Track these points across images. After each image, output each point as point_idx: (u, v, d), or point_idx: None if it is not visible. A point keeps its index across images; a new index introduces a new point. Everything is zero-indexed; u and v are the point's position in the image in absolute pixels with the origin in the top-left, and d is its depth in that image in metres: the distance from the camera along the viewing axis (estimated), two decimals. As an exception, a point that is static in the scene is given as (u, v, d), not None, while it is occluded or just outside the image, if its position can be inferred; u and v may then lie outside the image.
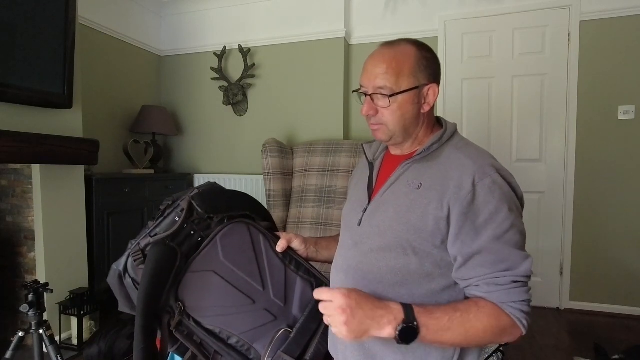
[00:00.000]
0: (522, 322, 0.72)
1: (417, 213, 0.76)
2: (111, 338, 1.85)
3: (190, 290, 0.84)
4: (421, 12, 2.76)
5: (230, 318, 0.85)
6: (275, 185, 2.34)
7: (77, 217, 2.17)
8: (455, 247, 0.74)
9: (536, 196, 2.62)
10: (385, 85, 0.79)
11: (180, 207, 0.87)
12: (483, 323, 0.70)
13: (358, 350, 0.80)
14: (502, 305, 0.71)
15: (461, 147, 0.81)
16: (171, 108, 3.33)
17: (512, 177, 0.78)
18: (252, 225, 0.93)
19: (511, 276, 0.71)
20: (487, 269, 0.72)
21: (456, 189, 0.74)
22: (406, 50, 0.81)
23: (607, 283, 2.50)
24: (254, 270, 0.88)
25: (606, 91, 2.46)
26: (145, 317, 0.77)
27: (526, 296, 0.72)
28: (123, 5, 2.91)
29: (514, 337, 0.73)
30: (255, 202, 1.01)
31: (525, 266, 0.72)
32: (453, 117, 2.72)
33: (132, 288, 0.86)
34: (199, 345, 0.85)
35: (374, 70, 0.81)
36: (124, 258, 0.86)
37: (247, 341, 0.85)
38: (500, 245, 0.72)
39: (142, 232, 0.87)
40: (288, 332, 0.85)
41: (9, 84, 1.71)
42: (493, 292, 0.72)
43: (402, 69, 0.80)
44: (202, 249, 0.87)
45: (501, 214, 0.72)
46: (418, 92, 0.81)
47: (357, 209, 0.89)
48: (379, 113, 0.82)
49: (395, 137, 0.85)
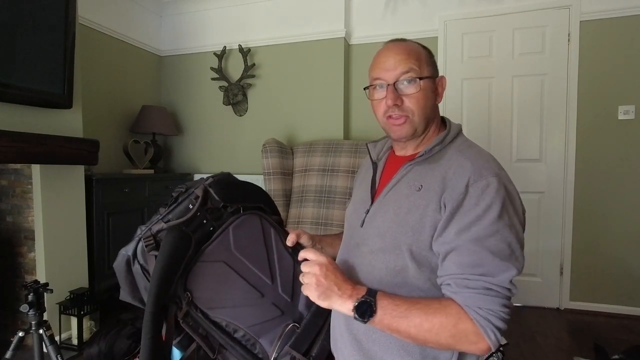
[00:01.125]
0: (488, 333, 0.65)
1: (415, 215, 0.76)
2: (111, 338, 1.85)
3: (199, 280, 0.81)
4: (421, 12, 2.76)
5: (238, 311, 0.83)
6: (275, 185, 2.34)
7: (77, 217, 2.17)
8: (437, 242, 0.73)
9: (536, 196, 2.62)
10: (412, 68, 0.79)
11: (195, 194, 0.85)
12: (439, 320, 0.67)
13: (357, 350, 0.80)
14: (467, 309, 0.67)
15: (463, 149, 0.80)
16: (171, 108, 3.33)
17: (511, 183, 0.75)
18: (264, 218, 0.92)
19: (485, 282, 0.67)
20: (460, 268, 0.69)
21: (451, 189, 0.73)
22: (415, 44, 0.84)
23: (607, 283, 2.50)
24: (264, 263, 0.87)
25: (606, 91, 2.46)
26: (157, 304, 0.74)
27: (498, 307, 0.66)
28: (123, 5, 2.91)
29: (478, 349, 0.67)
30: (268, 196, 1.01)
31: (504, 276, 0.67)
32: (453, 117, 2.69)
33: (140, 275, 0.82)
34: (204, 338, 0.83)
35: (395, 57, 0.80)
36: (133, 243, 0.82)
37: (253, 335, 0.83)
38: (479, 248, 0.68)
39: (153, 218, 0.84)
40: (295, 328, 0.84)
41: (9, 84, 1.71)
42: (461, 292, 0.68)
43: (421, 57, 0.81)
44: (215, 239, 0.84)
45: (488, 217, 0.69)
46: (434, 82, 0.83)
47: (360, 210, 0.89)
48: (405, 102, 0.80)
49: (417, 130, 0.83)
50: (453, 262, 0.70)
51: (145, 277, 0.81)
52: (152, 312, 0.73)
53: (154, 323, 0.73)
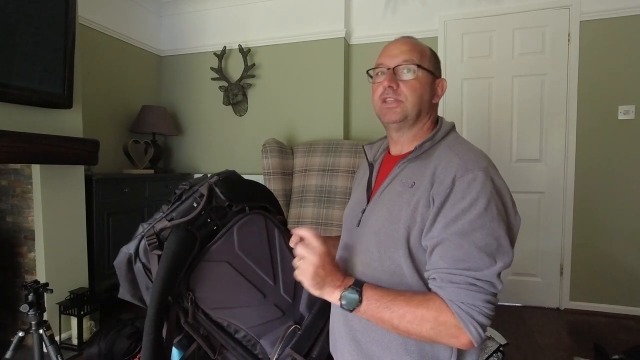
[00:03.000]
0: (469, 328, 0.66)
1: (407, 211, 0.76)
2: (111, 338, 1.85)
3: (202, 280, 0.80)
4: (421, 12, 2.76)
5: (240, 311, 0.83)
6: (275, 185, 2.34)
7: (77, 217, 2.17)
8: (426, 238, 0.74)
9: (536, 196, 2.62)
10: (412, 58, 0.83)
11: (199, 192, 0.83)
12: (422, 312, 0.68)
13: (356, 350, 0.80)
14: (449, 303, 0.68)
15: (453, 146, 0.81)
16: (171, 108, 3.33)
17: (500, 179, 0.75)
18: (268, 218, 0.91)
19: (469, 277, 0.68)
20: (445, 262, 0.70)
21: (438, 184, 0.74)
22: (422, 44, 0.88)
23: (607, 283, 2.50)
24: (266, 264, 0.86)
25: (606, 91, 2.46)
26: (160, 303, 0.73)
27: (480, 303, 0.67)
28: (123, 6, 2.91)
29: (458, 341, 0.68)
30: (272, 195, 1.00)
31: (489, 272, 0.68)
32: (453, 117, 2.72)
33: (141, 273, 0.80)
34: (205, 338, 0.82)
35: (400, 47, 0.85)
36: (135, 241, 0.80)
37: (253, 336, 0.83)
38: (463, 242, 0.69)
39: (156, 216, 0.82)
40: (297, 329, 0.84)
41: (9, 84, 1.71)
42: (444, 287, 0.69)
43: (425, 53, 0.85)
44: (219, 238, 0.83)
45: (474, 211, 0.69)
46: (434, 80, 0.86)
47: (357, 210, 0.89)
48: (400, 87, 0.83)
49: (408, 119, 0.84)
50: (439, 256, 0.71)
51: (147, 276, 0.80)
52: (155, 311, 0.72)
53: (156, 323, 0.72)
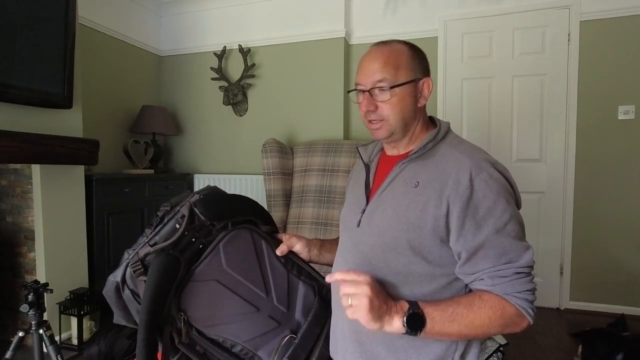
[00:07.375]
0: (528, 311, 0.73)
1: (415, 211, 0.77)
2: (111, 338, 1.85)
3: (192, 300, 0.81)
4: (421, 12, 2.76)
5: (234, 326, 0.83)
6: (275, 185, 2.34)
7: (77, 217, 2.17)
8: (458, 243, 0.75)
9: (536, 196, 2.62)
10: (385, 77, 0.80)
11: (181, 213, 0.83)
12: (487, 314, 0.72)
13: (360, 352, 0.80)
14: (506, 297, 0.73)
15: (455, 145, 0.83)
16: (171, 108, 3.33)
17: (507, 171, 0.80)
18: (255, 231, 0.91)
19: (514, 268, 0.73)
20: (490, 262, 0.73)
21: (454, 184, 0.75)
22: (399, 47, 0.84)
23: (607, 283, 2.50)
24: (257, 277, 0.86)
25: (606, 91, 2.46)
26: (149, 330, 0.74)
27: (530, 285, 0.74)
28: (123, 5, 2.91)
29: (520, 327, 0.75)
30: (257, 206, 0.99)
31: (527, 257, 0.74)
32: (453, 117, 2.72)
33: (131, 300, 0.82)
34: (202, 356, 0.83)
35: (371, 65, 0.82)
36: (121, 269, 0.81)
37: (251, 349, 0.83)
38: (501, 238, 0.73)
39: (139, 241, 0.83)
40: (293, 338, 0.84)
41: (9, 84, 1.70)
42: (497, 284, 0.73)
43: (400, 63, 0.82)
44: (205, 258, 0.83)
45: (500, 206, 0.74)
46: (415, 86, 0.83)
47: (356, 211, 0.89)
48: (379, 109, 0.82)
49: (395, 133, 0.85)
50: (481, 258, 0.74)
51: (137, 301, 0.81)
52: (145, 338, 0.73)
53: (148, 349, 0.73)
